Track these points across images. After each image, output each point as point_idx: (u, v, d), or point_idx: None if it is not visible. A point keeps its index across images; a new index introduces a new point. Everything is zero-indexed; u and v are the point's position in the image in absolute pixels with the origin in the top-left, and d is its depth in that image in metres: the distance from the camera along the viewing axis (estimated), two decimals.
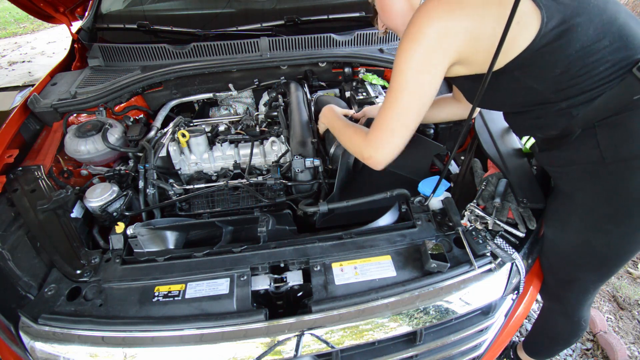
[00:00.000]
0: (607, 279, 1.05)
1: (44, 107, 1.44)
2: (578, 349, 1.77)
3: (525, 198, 1.00)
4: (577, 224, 0.93)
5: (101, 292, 0.91)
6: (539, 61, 0.76)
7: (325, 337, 0.84)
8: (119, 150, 1.35)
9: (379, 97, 1.59)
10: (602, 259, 0.96)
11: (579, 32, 0.74)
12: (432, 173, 1.35)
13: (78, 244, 1.02)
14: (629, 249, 0.92)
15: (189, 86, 1.71)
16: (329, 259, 0.94)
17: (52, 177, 1.24)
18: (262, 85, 1.73)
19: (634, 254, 0.92)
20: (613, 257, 0.94)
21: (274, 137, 1.39)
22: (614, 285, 2.04)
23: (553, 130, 0.87)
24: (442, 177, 1.01)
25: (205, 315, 0.84)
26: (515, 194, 1.02)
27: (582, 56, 0.75)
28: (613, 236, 0.89)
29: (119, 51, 1.69)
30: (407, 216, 1.08)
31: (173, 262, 0.97)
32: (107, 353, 0.83)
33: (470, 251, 0.93)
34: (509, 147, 1.17)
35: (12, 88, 3.60)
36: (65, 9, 1.86)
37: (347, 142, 1.07)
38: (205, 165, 1.41)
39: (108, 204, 1.15)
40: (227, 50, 1.67)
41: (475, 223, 1.00)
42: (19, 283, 0.93)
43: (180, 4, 1.96)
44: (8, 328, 0.87)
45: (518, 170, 1.08)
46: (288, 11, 1.74)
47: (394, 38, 1.76)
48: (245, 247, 0.98)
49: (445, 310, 0.90)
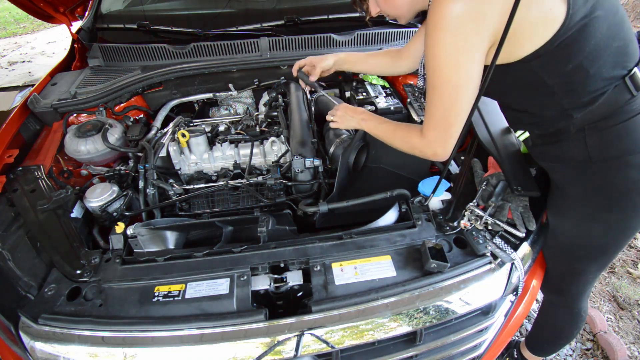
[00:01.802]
0: (606, 267, 1.09)
1: (44, 107, 1.44)
2: (578, 349, 1.77)
3: (519, 186, 1.01)
4: (574, 215, 0.97)
5: (101, 292, 0.91)
6: (557, 54, 0.76)
7: (325, 337, 0.84)
8: (119, 150, 1.35)
9: (378, 96, 1.59)
10: (600, 248, 1.00)
11: (596, 28, 0.74)
12: (432, 173, 1.35)
13: (78, 244, 1.02)
14: (624, 235, 0.96)
15: (189, 86, 1.71)
16: (329, 259, 0.94)
17: (52, 177, 1.24)
18: (262, 85, 1.73)
19: (630, 239, 0.98)
20: (611, 244, 0.99)
21: (274, 137, 1.39)
22: (614, 285, 2.04)
23: (550, 128, 0.89)
24: (442, 177, 1.01)
25: (205, 315, 0.84)
26: (510, 183, 1.03)
27: (595, 54, 0.76)
28: (608, 224, 0.93)
29: (119, 51, 1.69)
30: (407, 216, 1.08)
31: (173, 262, 0.97)
32: (107, 353, 0.83)
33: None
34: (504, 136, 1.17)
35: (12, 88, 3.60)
36: (65, 9, 1.86)
37: (399, 143, 1.01)
38: (205, 165, 1.40)
39: (108, 204, 1.15)
40: (227, 50, 1.67)
41: (475, 223, 1.00)
42: (19, 283, 0.93)
43: (180, 4, 1.96)
44: (8, 328, 0.87)
45: (512, 160, 1.09)
46: (288, 11, 1.74)
47: (394, 38, 1.76)
48: (245, 247, 0.98)
49: (445, 310, 0.90)
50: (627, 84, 0.79)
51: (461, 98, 0.81)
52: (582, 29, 0.73)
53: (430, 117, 0.88)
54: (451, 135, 0.87)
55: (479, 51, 0.76)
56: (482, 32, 0.74)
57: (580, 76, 0.78)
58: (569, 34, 0.73)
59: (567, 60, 0.76)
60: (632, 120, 0.80)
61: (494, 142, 1.15)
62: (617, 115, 0.81)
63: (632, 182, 0.84)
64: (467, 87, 0.80)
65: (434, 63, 0.79)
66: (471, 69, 0.78)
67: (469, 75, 0.79)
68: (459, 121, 0.85)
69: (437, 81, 0.81)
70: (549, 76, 0.79)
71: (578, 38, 0.74)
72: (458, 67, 0.77)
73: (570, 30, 0.73)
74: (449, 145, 0.89)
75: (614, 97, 0.79)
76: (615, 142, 0.83)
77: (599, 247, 1.00)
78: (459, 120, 0.85)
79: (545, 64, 0.78)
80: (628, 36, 0.79)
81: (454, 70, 0.78)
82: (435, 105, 0.85)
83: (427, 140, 0.91)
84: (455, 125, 0.86)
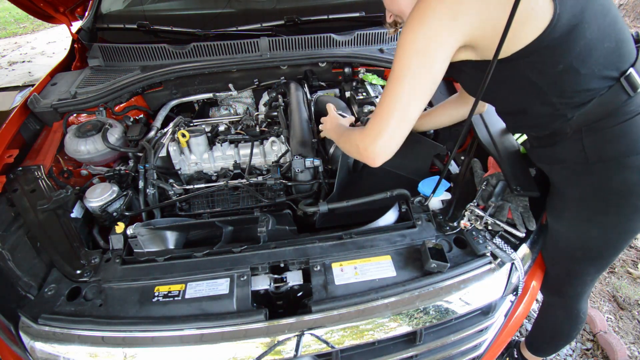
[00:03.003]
0: (604, 270, 1.08)
1: (44, 107, 1.44)
2: (578, 349, 1.77)
3: (519, 186, 1.01)
4: (571, 217, 0.97)
5: (101, 292, 0.91)
6: (545, 54, 0.76)
7: (325, 337, 0.84)
8: (119, 150, 1.35)
9: (378, 96, 1.59)
10: (597, 251, 1.00)
11: (585, 29, 0.74)
12: (432, 173, 1.35)
13: (78, 244, 1.02)
14: (622, 238, 0.95)
15: (189, 86, 1.71)
16: (329, 259, 0.94)
17: (52, 177, 1.24)
18: (262, 85, 1.73)
19: (628, 242, 0.97)
20: (609, 247, 0.98)
21: (274, 137, 1.39)
22: (614, 285, 2.04)
23: (547, 130, 0.89)
24: (442, 177, 1.01)
25: (205, 315, 0.84)
26: (509, 183, 1.03)
27: (585, 54, 0.75)
28: (605, 227, 0.93)
29: (119, 51, 1.69)
30: (407, 216, 1.08)
31: (173, 262, 0.97)
32: (107, 353, 0.83)
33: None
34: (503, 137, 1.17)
35: (12, 88, 3.60)
36: (65, 9, 1.86)
37: (345, 144, 1.01)
38: (205, 165, 1.40)
39: (108, 204, 1.15)
40: (227, 50, 1.67)
41: (476, 223, 1.00)
42: (19, 283, 0.93)
43: (180, 4, 1.96)
44: (8, 328, 0.87)
45: (512, 160, 1.09)
46: (288, 11, 1.74)
47: (394, 37, 1.76)
48: (245, 247, 0.98)
49: (445, 310, 0.90)
50: (623, 84, 0.78)
51: (413, 90, 0.79)
52: (571, 29, 0.73)
53: (376, 110, 0.85)
54: (387, 132, 0.82)
55: (446, 49, 0.76)
56: (455, 30, 0.74)
57: (571, 76, 0.78)
58: (557, 35, 0.73)
59: (556, 60, 0.76)
60: (630, 121, 0.79)
61: (493, 142, 1.15)
62: (614, 117, 0.80)
63: (629, 185, 0.84)
64: (423, 81, 0.78)
65: (400, 50, 0.78)
66: (434, 63, 0.77)
67: (429, 69, 0.77)
68: (401, 122, 0.81)
69: (397, 67, 0.79)
70: (538, 76, 0.79)
71: (567, 38, 0.74)
72: (421, 57, 0.76)
73: (558, 30, 0.73)
74: (383, 143, 0.83)
75: (610, 98, 0.79)
76: (612, 144, 0.82)
77: (596, 249, 0.99)
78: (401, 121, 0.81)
79: (533, 65, 0.78)
80: (620, 36, 0.78)
81: (416, 59, 0.76)
82: (385, 95, 0.82)
83: (363, 134, 0.86)
84: (395, 123, 0.81)
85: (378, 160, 0.86)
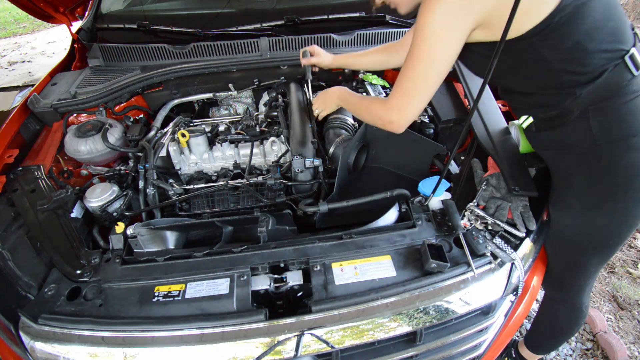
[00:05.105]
0: (608, 259, 1.09)
1: (44, 107, 1.44)
2: (578, 349, 1.77)
3: (517, 186, 1.01)
4: (577, 206, 0.97)
5: (101, 292, 0.91)
6: (557, 30, 0.78)
7: (325, 337, 0.84)
8: (119, 150, 1.35)
9: (378, 96, 1.58)
10: (603, 239, 1.00)
11: (592, 7, 0.76)
12: (432, 173, 1.35)
13: (78, 244, 1.02)
14: (628, 225, 0.96)
15: (189, 86, 1.71)
16: (328, 259, 0.94)
17: (52, 177, 1.24)
18: (262, 85, 1.73)
19: (632, 230, 0.98)
20: (614, 235, 0.99)
21: (274, 137, 1.39)
22: (614, 285, 2.04)
23: (555, 110, 0.89)
24: (442, 177, 1.01)
25: (205, 315, 0.84)
26: (507, 183, 1.03)
27: (592, 32, 0.78)
28: (612, 213, 0.93)
29: (119, 51, 1.69)
30: (407, 216, 1.08)
31: (173, 262, 0.97)
32: (107, 353, 0.83)
33: (469, 253, 0.93)
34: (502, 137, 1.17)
35: (12, 88, 3.60)
36: (65, 9, 1.86)
37: (364, 113, 1.07)
38: (205, 165, 1.41)
39: (108, 204, 1.15)
40: (227, 50, 1.67)
41: (476, 223, 1.00)
42: (19, 283, 0.93)
43: (180, 4, 1.96)
44: (8, 328, 0.87)
45: (511, 160, 1.09)
46: (288, 11, 1.74)
47: (394, 38, 1.76)
48: (245, 247, 0.98)
49: (445, 310, 0.90)
50: (627, 63, 0.80)
51: (433, 70, 0.86)
52: (580, 7, 0.76)
53: (397, 85, 0.92)
54: (412, 104, 0.91)
55: (462, 30, 0.81)
56: (471, 11, 0.78)
57: (579, 53, 0.80)
58: (567, 12, 0.75)
59: (566, 37, 0.78)
60: (634, 101, 0.82)
61: (492, 142, 1.15)
62: (620, 96, 0.82)
63: (636, 166, 0.85)
64: (441, 61, 0.85)
65: (420, 33, 0.83)
66: (451, 44, 0.83)
67: (447, 50, 0.84)
68: (423, 94, 0.90)
69: (417, 50, 0.85)
70: (550, 52, 0.81)
71: (575, 16, 0.76)
72: (439, 40, 0.82)
73: (567, 8, 0.75)
74: (406, 114, 0.93)
75: (614, 77, 0.81)
76: (619, 123, 0.83)
77: (602, 237, 1.00)
78: (424, 93, 0.89)
79: (545, 40, 0.80)
80: (622, 18, 0.82)
81: (436, 41, 0.82)
82: (406, 75, 0.89)
83: (387, 107, 0.95)
84: (418, 96, 0.90)
85: (402, 129, 0.97)
